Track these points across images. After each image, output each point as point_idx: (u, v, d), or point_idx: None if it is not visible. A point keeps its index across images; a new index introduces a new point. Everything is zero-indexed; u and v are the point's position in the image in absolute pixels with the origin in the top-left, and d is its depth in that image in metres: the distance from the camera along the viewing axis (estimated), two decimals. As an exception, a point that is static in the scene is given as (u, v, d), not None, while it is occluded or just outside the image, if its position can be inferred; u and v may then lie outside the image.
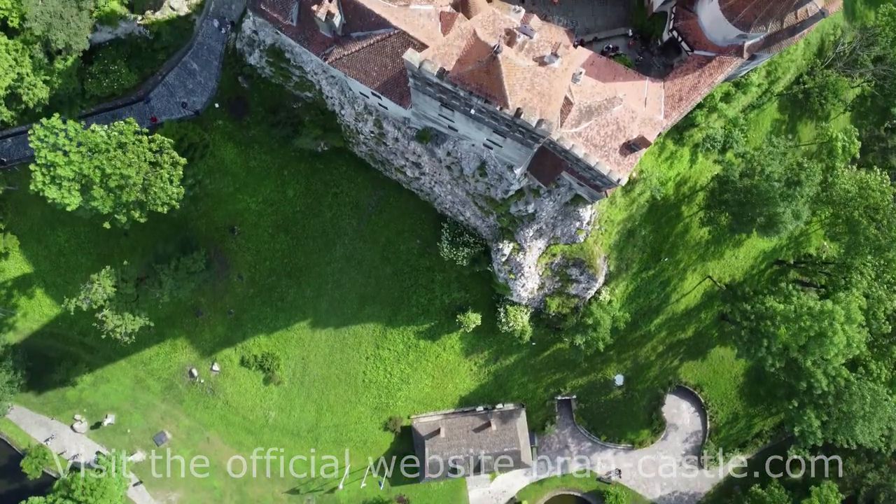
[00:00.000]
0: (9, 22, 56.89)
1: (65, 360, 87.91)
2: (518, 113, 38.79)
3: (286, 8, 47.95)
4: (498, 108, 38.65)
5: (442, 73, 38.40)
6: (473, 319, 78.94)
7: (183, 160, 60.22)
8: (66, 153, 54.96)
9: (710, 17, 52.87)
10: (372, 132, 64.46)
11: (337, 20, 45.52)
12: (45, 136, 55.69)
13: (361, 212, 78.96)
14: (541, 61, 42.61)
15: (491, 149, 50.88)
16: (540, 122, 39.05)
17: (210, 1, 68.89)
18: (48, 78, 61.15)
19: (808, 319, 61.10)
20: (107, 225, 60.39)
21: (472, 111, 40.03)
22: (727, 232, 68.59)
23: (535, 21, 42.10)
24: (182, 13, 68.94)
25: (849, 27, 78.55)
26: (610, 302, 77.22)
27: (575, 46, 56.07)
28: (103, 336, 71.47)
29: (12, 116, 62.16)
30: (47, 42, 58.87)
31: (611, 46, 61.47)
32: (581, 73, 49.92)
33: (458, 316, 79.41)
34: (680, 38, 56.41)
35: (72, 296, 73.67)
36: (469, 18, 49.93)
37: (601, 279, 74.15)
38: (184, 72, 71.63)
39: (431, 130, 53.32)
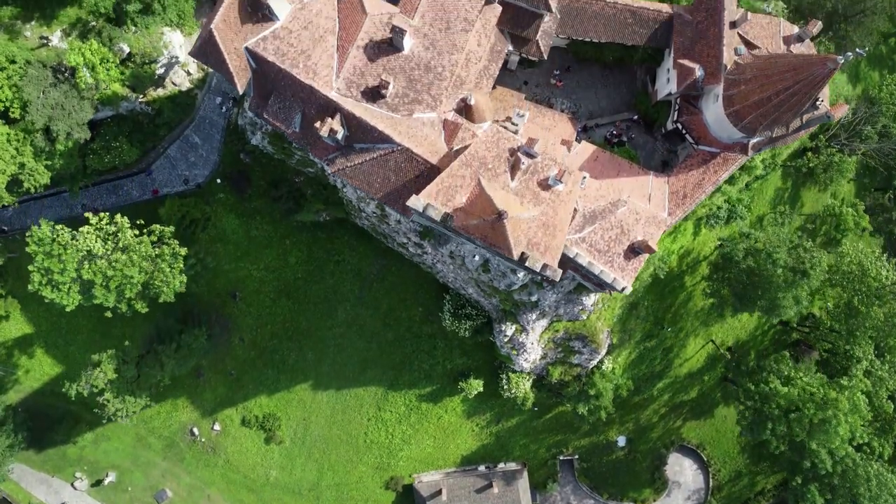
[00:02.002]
0: (10, 113, 56.63)
1: (66, 419, 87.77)
2: (522, 258, 38.57)
3: (289, 117, 47.67)
4: (502, 253, 38.48)
5: (446, 219, 38.16)
6: (475, 386, 78.76)
7: (184, 251, 59.98)
8: (61, 260, 54.83)
9: (715, 117, 52.60)
10: (374, 212, 64.17)
11: (340, 135, 45.28)
12: (41, 240, 55.68)
13: (363, 279, 78.77)
14: (545, 185, 42.43)
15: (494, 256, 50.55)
16: (545, 266, 38.83)
17: (212, 76, 68.72)
18: (49, 162, 60.88)
19: (812, 407, 60.80)
20: (108, 314, 60.19)
21: (476, 255, 39.85)
22: (730, 308, 68.11)
23: (538, 145, 41.85)
24: (184, 88, 68.74)
25: (853, 94, 78.32)
26: (612, 370, 76.99)
27: (578, 140, 56.05)
28: (105, 421, 71.25)
29: (14, 200, 61.85)
30: (48, 129, 58.61)
31: (614, 133, 61.18)
32: (585, 177, 49.59)
33: (461, 383, 79.21)
34: (684, 132, 56.13)
35: (72, 377, 73.94)
36: (473, 122, 49.90)
37: (604, 351, 73.88)
38: (186, 145, 71.45)
39: (435, 230, 53.07)
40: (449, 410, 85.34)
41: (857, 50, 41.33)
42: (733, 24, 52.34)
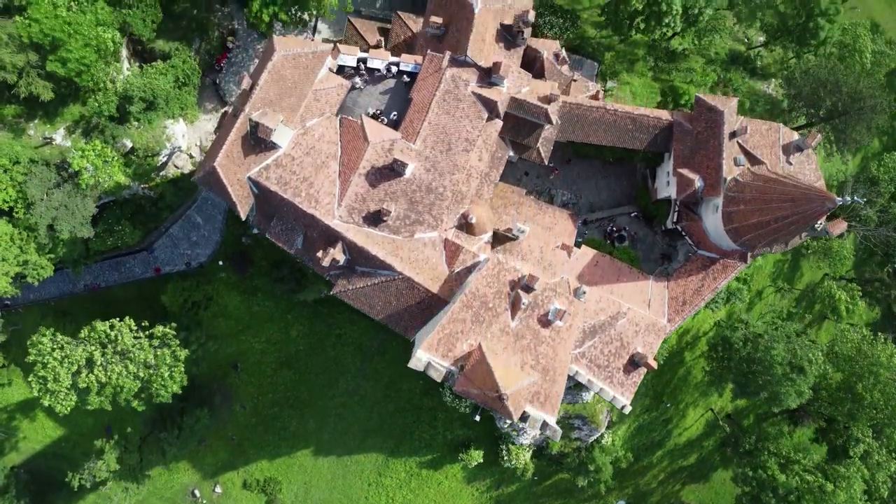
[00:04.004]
0: (14, 213, 56.96)
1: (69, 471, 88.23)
2: (523, 416, 39.01)
3: (291, 238, 47.97)
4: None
5: (448, 377, 38.59)
6: (476, 457, 79.12)
7: (185, 352, 60.34)
8: (55, 370, 55.31)
9: (714, 227, 52.91)
10: (375, 299, 64.40)
11: (342, 262, 45.61)
12: (41, 351, 56.22)
13: (364, 352, 79.19)
14: (545, 321, 42.77)
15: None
16: (545, 425, 39.24)
17: (214, 160, 68.93)
18: (52, 255, 61.21)
19: (811, 500, 61.22)
20: (108, 407, 60.58)
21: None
22: (731, 392, 68.53)
23: (539, 282, 42.21)
24: (186, 171, 69.08)
25: (852, 165, 78.69)
26: (612, 442, 77.44)
27: (578, 245, 56.39)
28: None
29: (17, 291, 62.10)
30: (51, 226, 58.91)
31: (614, 228, 61.47)
32: (585, 292, 49.95)
33: (461, 454, 79.60)
34: (684, 235, 56.46)
35: (73, 440, 74.14)
36: (474, 234, 50.31)
37: (603, 428, 74.29)
38: (188, 224, 71.83)
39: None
40: (449, 476, 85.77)
41: (856, 198, 41.70)
42: (733, 135, 52.69)
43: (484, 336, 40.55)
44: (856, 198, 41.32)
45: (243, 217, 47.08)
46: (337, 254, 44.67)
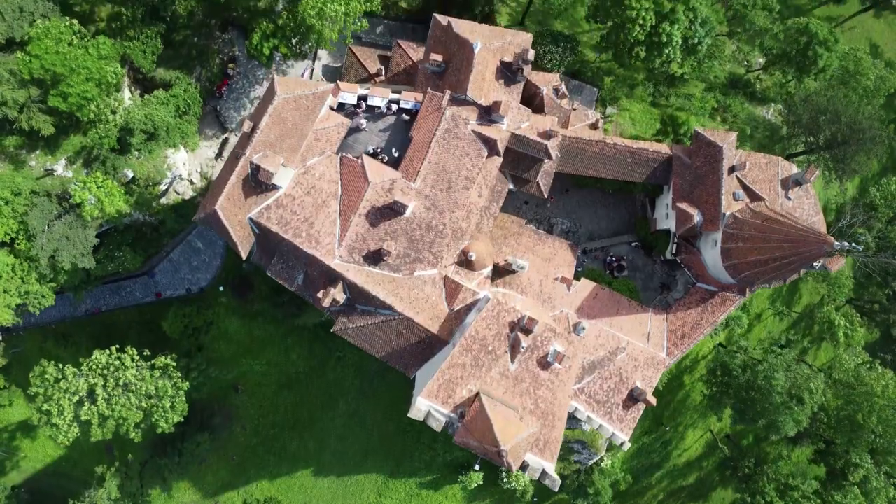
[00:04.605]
0: (16, 245, 57.15)
1: (68, 499, 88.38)
2: (523, 466, 39.25)
3: (291, 276, 48.27)
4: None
5: (448, 426, 38.80)
6: (475, 479, 79.35)
7: (185, 384, 60.48)
8: (59, 403, 55.51)
9: (713, 261, 53.12)
10: (375, 326, 64.61)
11: (342, 301, 45.83)
12: (45, 381, 56.48)
13: (364, 374, 79.48)
14: (544, 363, 42.97)
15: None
16: (543, 474, 39.45)
17: (215, 186, 69.15)
18: (53, 284, 61.41)
19: (809, 530, 61.60)
20: (109, 436, 60.75)
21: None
22: (729, 419, 68.75)
23: (539, 325, 42.41)
24: (187, 197, 69.23)
25: (850, 187, 78.84)
26: (612, 464, 77.69)
27: (578, 278, 56.59)
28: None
29: (19, 320, 62.33)
30: (53, 256, 59.10)
31: (614, 258, 61.64)
32: (584, 328, 50.18)
33: (461, 475, 79.85)
34: (684, 266, 56.66)
35: (74, 460, 74.43)
36: (474, 270, 50.59)
37: (603, 452, 74.51)
38: (189, 249, 72.06)
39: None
40: (449, 497, 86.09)
41: (854, 244, 41.90)
42: (732, 169, 52.88)
43: (483, 380, 40.78)
44: (853, 244, 41.46)
45: (244, 256, 47.30)
46: (337, 294, 44.88)
